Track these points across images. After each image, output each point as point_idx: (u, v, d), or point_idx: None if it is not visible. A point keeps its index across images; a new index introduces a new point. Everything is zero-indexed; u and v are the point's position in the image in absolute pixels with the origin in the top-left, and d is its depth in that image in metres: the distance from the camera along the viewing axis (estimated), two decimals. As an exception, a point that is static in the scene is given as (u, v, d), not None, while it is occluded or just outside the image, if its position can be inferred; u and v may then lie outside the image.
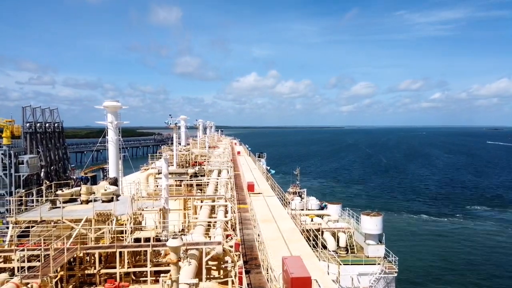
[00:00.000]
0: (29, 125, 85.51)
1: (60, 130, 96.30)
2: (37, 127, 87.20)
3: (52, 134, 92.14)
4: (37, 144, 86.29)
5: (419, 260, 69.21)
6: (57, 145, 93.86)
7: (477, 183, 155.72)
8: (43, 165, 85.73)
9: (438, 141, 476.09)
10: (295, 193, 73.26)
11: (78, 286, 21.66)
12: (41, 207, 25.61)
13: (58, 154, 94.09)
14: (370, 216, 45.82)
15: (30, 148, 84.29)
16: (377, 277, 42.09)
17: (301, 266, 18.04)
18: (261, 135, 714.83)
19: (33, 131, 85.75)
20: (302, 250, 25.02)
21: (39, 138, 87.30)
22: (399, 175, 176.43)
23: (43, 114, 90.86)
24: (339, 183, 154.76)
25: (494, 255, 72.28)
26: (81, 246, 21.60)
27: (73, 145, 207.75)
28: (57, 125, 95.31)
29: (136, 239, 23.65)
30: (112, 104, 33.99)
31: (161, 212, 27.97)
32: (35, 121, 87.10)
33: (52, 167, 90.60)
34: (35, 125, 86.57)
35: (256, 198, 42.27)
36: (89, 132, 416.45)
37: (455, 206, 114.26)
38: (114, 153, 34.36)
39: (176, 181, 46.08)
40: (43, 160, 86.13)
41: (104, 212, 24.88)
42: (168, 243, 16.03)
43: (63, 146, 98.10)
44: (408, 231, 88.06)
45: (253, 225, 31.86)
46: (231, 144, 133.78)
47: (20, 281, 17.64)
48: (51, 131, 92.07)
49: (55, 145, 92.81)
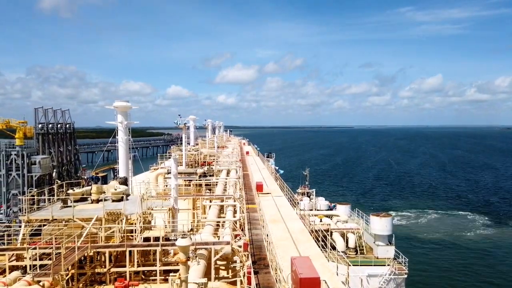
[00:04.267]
0: (41, 126, 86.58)
1: (71, 131, 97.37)
2: (49, 128, 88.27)
3: (63, 135, 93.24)
4: (49, 145, 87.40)
5: (430, 262, 68.44)
6: (69, 146, 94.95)
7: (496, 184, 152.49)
8: (55, 166, 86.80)
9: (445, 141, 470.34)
10: (304, 194, 73.05)
11: (89, 284, 21.88)
12: (53, 206, 25.96)
13: (70, 155, 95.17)
14: (379, 216, 45.46)
15: (42, 149, 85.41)
16: (386, 278, 41.75)
17: (310, 266, 17.97)
18: (270, 135, 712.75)
19: (45, 132, 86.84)
20: (311, 251, 24.91)
21: (51, 139, 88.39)
22: (407, 176, 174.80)
23: (55, 115, 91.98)
24: (349, 184, 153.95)
25: (510, 257, 71.15)
26: (91, 244, 21.84)
27: (84, 145, 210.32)
28: (69, 126, 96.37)
29: (146, 239, 23.82)
30: (122, 104, 34.27)
31: (170, 211, 28.13)
32: (47, 122, 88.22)
33: (64, 167, 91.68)
34: (47, 126, 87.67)
35: (265, 198, 42.22)
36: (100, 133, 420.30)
37: (467, 207, 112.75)
38: (124, 153, 34.65)
39: (185, 181, 46.28)
40: (55, 161, 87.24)
41: (114, 211, 25.12)
42: (177, 243, 16.11)
43: (75, 146, 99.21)
44: (418, 232, 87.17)
45: (262, 225, 31.85)
46: (240, 144, 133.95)
47: (32, 279, 17.91)
48: (63, 132, 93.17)
49: (66, 146, 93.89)
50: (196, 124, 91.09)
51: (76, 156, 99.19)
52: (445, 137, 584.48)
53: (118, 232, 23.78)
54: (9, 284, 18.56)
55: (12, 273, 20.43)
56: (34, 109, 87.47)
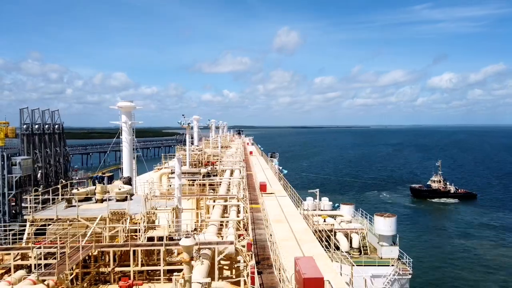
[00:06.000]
0: (26, 126, 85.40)
1: (60, 132, 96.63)
2: (35, 128, 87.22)
3: (52, 135, 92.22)
4: (35, 145, 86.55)
5: (434, 262, 68.15)
6: (57, 147, 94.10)
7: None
8: (41, 167, 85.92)
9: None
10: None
11: (93, 283, 21.97)
12: (57, 206, 26.08)
13: (58, 156, 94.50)
14: (383, 217, 45.33)
15: (27, 150, 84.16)
16: (390, 278, 41.60)
17: (314, 266, 17.93)
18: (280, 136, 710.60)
19: (30, 132, 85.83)
20: (315, 251, 24.86)
21: (37, 140, 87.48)
22: (412, 176, 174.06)
23: (42, 115, 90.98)
24: (353, 184, 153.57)
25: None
26: (96, 244, 21.94)
27: (96, 145, 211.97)
28: (58, 127, 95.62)
29: (150, 238, 23.89)
30: (126, 104, 34.39)
31: (174, 211, 28.17)
32: (32, 123, 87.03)
33: (51, 168, 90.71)
34: (32, 127, 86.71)
35: (269, 198, 42.17)
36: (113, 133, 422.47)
37: (472, 207, 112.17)
38: (128, 153, 34.76)
39: (189, 181, 46.32)
40: (40, 162, 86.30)
41: (118, 211, 25.21)
42: (181, 242, 16.11)
43: (64, 147, 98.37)
44: (422, 232, 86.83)
45: (265, 225, 31.80)
46: (244, 144, 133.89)
47: (37, 278, 18.01)
48: (51, 132, 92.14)
49: (55, 146, 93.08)
50: (200, 124, 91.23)
51: (66, 157, 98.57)
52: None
53: (122, 231, 23.87)
54: (14, 283, 18.69)
55: (17, 272, 20.56)
56: (19, 109, 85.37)
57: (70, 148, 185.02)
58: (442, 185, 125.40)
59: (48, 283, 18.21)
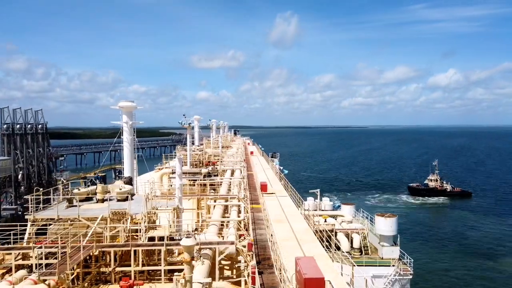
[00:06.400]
0: (6, 126, 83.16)
1: (44, 132, 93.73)
2: (16, 128, 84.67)
3: (34, 135, 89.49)
4: (16, 146, 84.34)
5: (435, 262, 68.07)
6: (40, 147, 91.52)
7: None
8: (21, 167, 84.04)
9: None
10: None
11: (94, 283, 21.98)
12: (58, 206, 26.10)
13: (42, 156, 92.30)
14: (384, 217, 45.30)
15: (8, 150, 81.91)
16: (391, 279, 41.58)
17: (314, 266, 17.94)
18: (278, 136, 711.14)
19: (10, 132, 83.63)
20: (316, 251, 24.88)
21: (18, 140, 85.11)
22: (410, 175, 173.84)
23: (25, 115, 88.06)
24: (353, 184, 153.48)
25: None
26: (96, 244, 21.95)
27: (91, 145, 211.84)
28: (41, 127, 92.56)
29: (150, 238, 23.89)
30: (127, 104, 34.41)
31: (175, 211, 28.17)
32: (12, 123, 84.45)
33: (33, 169, 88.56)
34: (12, 127, 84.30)
35: (269, 198, 42.20)
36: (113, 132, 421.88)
37: (473, 207, 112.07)
38: (129, 153, 34.78)
39: (190, 181, 46.35)
40: (21, 162, 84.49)
41: (119, 211, 25.22)
42: (181, 242, 16.11)
43: (48, 147, 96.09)
44: (424, 232, 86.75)
45: (266, 225, 31.81)
46: (244, 144, 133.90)
47: (38, 278, 18.03)
48: (34, 132, 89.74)
49: (37, 147, 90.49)
50: (200, 124, 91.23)
51: (50, 157, 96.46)
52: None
53: (123, 231, 23.87)
54: (15, 283, 18.71)
55: (18, 272, 20.58)
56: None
57: (64, 148, 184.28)
58: (439, 184, 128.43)
59: (49, 283, 18.22)
